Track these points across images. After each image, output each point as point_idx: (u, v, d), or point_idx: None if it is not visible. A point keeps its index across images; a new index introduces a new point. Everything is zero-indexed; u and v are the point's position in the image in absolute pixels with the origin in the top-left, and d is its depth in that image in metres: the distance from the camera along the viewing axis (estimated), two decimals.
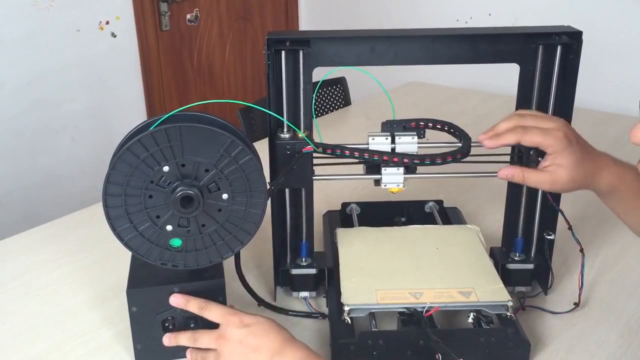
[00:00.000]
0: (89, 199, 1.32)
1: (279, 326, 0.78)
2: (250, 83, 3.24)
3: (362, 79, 1.17)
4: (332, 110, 2.18)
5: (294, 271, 0.97)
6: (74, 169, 2.56)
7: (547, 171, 0.82)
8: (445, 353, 0.78)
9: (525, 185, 0.90)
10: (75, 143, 2.57)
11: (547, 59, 0.88)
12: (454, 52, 0.91)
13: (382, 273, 0.93)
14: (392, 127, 0.90)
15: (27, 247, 1.20)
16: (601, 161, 0.84)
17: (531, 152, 0.84)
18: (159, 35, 2.78)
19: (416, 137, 0.88)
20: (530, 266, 0.98)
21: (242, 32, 3.15)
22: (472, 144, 0.87)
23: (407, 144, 0.88)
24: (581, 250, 0.92)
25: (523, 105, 0.91)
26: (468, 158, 0.86)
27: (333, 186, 1.14)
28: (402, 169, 0.88)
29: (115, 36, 2.60)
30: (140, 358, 0.85)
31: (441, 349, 0.78)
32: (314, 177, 0.92)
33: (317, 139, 0.91)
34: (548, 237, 0.95)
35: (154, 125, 0.75)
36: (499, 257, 0.99)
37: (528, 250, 0.99)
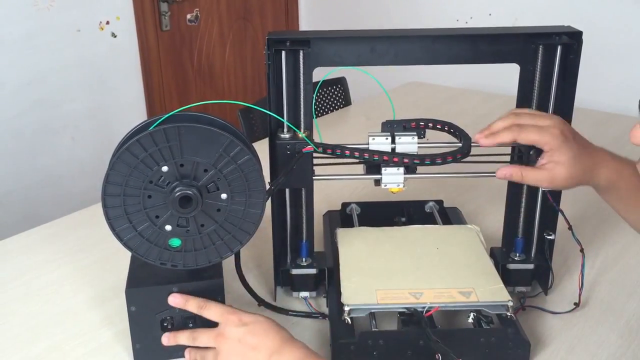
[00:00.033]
0: (89, 199, 1.32)
1: (278, 325, 0.78)
2: (251, 83, 3.24)
3: (362, 79, 1.17)
4: (332, 110, 2.17)
5: (294, 271, 0.97)
6: (74, 169, 2.56)
7: (545, 169, 0.82)
8: (445, 353, 0.78)
9: (524, 184, 0.90)
10: (75, 143, 2.57)
11: (547, 59, 0.88)
12: (454, 52, 0.91)
13: (382, 273, 0.93)
14: (392, 127, 0.90)
15: (27, 247, 1.20)
16: (599, 156, 0.84)
17: (531, 152, 0.84)
18: (159, 35, 2.78)
19: (416, 137, 0.88)
20: (531, 266, 0.98)
21: (242, 32, 3.15)
22: (472, 144, 0.87)
23: (407, 144, 0.88)
24: (581, 250, 0.92)
25: (523, 106, 0.91)
26: (468, 158, 0.86)
27: (333, 186, 1.14)
28: (402, 169, 0.87)
29: (115, 36, 2.60)
30: (139, 357, 0.85)
31: (441, 349, 0.78)
32: (314, 177, 0.92)
33: (317, 139, 0.91)
34: (548, 237, 0.95)
35: (153, 126, 0.75)
36: (499, 257, 0.99)
37: (528, 250, 0.99)
